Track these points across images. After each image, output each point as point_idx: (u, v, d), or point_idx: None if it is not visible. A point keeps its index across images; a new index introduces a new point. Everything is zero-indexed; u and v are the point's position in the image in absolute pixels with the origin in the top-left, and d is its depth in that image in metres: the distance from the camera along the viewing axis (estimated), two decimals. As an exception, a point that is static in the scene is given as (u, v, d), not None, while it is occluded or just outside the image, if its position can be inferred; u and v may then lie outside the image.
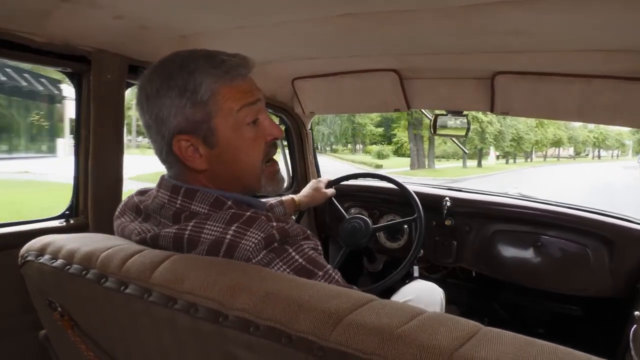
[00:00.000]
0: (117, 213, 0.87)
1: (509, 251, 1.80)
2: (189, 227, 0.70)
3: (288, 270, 0.67)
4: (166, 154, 0.76)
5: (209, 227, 0.69)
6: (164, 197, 0.77)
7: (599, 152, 53.47)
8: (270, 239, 0.67)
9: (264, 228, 0.67)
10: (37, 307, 0.85)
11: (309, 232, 0.74)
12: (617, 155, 58.59)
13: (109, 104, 1.30)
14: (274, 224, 0.68)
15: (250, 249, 0.66)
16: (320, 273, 0.69)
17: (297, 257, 0.68)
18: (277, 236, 0.68)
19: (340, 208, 1.83)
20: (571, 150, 51.79)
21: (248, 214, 0.69)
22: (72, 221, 1.35)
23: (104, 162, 1.31)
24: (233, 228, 0.67)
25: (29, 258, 0.78)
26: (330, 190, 1.80)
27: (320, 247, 0.75)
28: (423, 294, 1.43)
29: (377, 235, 1.98)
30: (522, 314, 2.05)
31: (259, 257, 0.66)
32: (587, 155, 54.97)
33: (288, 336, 0.49)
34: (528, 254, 1.75)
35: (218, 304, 0.55)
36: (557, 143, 38.55)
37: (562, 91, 1.44)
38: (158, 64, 0.76)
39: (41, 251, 0.77)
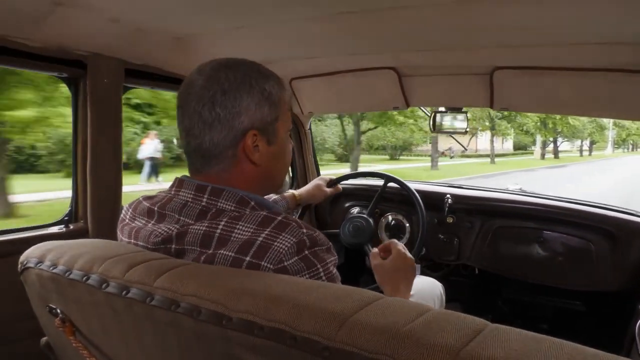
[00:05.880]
0: (126, 220, 0.86)
1: (511, 247, 1.79)
2: (221, 225, 0.72)
3: None
4: (228, 146, 0.78)
5: (241, 227, 0.71)
6: (186, 196, 0.78)
7: (555, 145, 31.33)
8: (301, 245, 0.70)
9: (295, 233, 0.70)
10: (38, 314, 0.84)
11: (330, 243, 0.76)
12: (589, 150, 37.78)
13: (106, 108, 1.29)
14: (304, 230, 0.71)
15: (284, 251, 0.68)
16: None
17: (322, 274, 0.72)
18: (307, 242, 0.70)
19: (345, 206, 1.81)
20: (508, 144, 32.02)
21: (279, 218, 0.71)
22: (71, 227, 1.34)
23: (103, 166, 1.30)
24: (266, 231, 0.70)
25: (29, 265, 0.77)
26: (330, 190, 1.80)
27: (336, 261, 0.78)
28: (423, 289, 1.44)
29: (379, 234, 1.98)
30: (525, 310, 2.05)
31: (291, 262, 0.68)
32: (534, 150, 33.23)
33: (293, 337, 0.49)
34: (530, 249, 1.75)
35: (222, 307, 0.54)
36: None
37: (562, 85, 1.44)
38: (224, 64, 0.79)
39: (41, 258, 0.76)
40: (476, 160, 25.99)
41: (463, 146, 2.63)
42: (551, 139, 28.79)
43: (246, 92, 0.77)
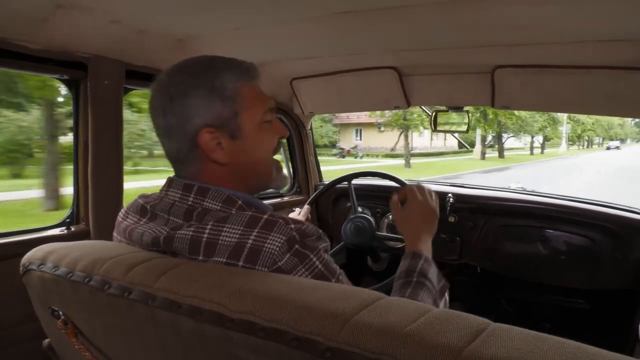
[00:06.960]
0: (120, 218, 0.86)
1: (513, 246, 1.79)
2: (207, 230, 0.71)
3: (309, 276, 0.70)
4: (187, 150, 0.78)
5: (227, 229, 0.70)
6: (174, 195, 0.78)
7: (499, 141, 25.27)
8: (291, 241, 0.69)
9: (284, 231, 0.69)
10: (40, 316, 0.84)
11: (320, 231, 0.76)
12: (541, 148, 33.12)
13: (107, 110, 1.29)
14: (292, 225, 0.70)
15: (276, 252, 0.67)
16: (333, 280, 0.73)
17: (317, 262, 0.71)
18: (297, 237, 0.69)
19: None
20: (453, 140, 24.39)
21: (265, 217, 0.70)
22: (73, 229, 1.34)
23: (104, 168, 1.31)
24: (255, 233, 0.69)
25: (31, 267, 0.77)
26: (298, 209, 1.65)
27: (329, 247, 0.77)
28: None
29: (380, 233, 1.98)
30: (528, 309, 2.04)
31: (284, 261, 0.68)
32: (473, 149, 24.75)
33: (295, 337, 0.49)
34: (533, 248, 1.74)
35: (223, 308, 0.54)
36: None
37: (563, 83, 1.44)
38: (175, 69, 0.78)
39: (43, 260, 0.76)
40: (392, 162, 20.25)
41: (465, 145, 2.62)
42: (494, 133, 23.16)
43: (193, 94, 0.75)
